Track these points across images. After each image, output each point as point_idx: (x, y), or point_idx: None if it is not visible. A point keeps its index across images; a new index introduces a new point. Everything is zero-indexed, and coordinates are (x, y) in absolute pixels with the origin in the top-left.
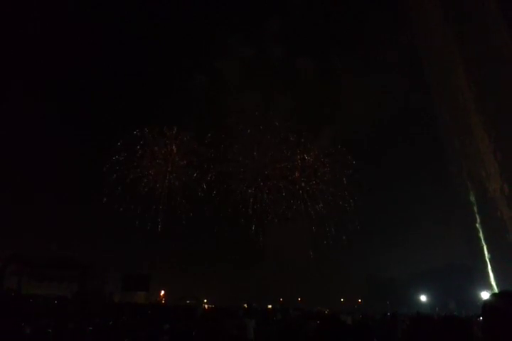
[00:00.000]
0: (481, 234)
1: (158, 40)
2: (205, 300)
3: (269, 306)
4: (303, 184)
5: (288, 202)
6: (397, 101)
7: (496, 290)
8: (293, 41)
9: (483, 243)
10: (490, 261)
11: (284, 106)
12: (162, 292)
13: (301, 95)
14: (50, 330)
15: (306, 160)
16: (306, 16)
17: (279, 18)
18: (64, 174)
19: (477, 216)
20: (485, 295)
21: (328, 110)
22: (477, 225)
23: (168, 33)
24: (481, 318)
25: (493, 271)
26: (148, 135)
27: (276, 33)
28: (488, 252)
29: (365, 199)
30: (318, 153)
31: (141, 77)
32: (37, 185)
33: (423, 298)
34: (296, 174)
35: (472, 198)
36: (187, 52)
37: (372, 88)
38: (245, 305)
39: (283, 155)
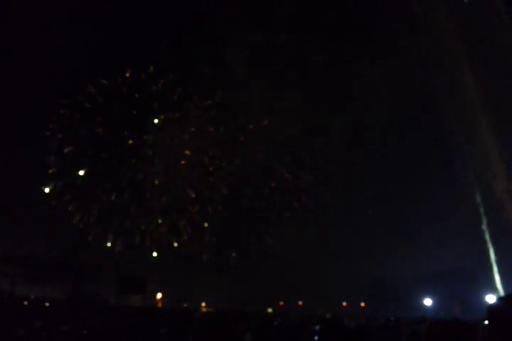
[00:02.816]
0: (487, 236)
1: (159, 28)
2: (203, 304)
3: (269, 310)
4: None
5: (293, 202)
6: (404, 96)
7: (501, 293)
8: (304, 29)
9: (490, 245)
10: (496, 264)
11: (293, 97)
12: (159, 295)
13: (311, 85)
14: (43, 333)
15: (315, 159)
16: (318, 2)
17: (290, 4)
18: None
19: (483, 217)
20: (490, 298)
21: (339, 101)
22: (483, 227)
23: (170, 20)
24: (486, 322)
25: (499, 273)
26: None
27: (287, 20)
28: (495, 254)
29: (368, 200)
30: (327, 152)
31: (141, 67)
32: (30, 184)
33: (427, 301)
34: (305, 176)
35: (478, 199)
36: (191, 40)
37: (384, 79)
38: (243, 309)
39: (290, 153)
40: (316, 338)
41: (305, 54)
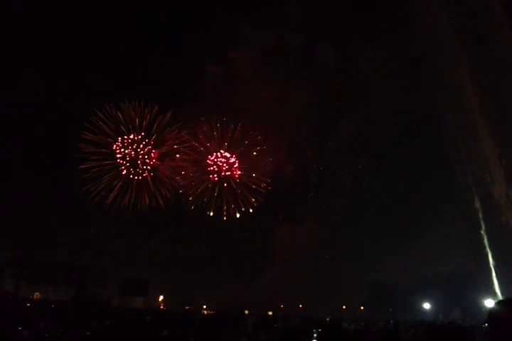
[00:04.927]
0: (485, 241)
1: (167, 28)
2: (205, 306)
3: (270, 313)
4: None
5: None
6: (405, 102)
7: (500, 297)
8: (312, 29)
9: (488, 250)
10: (494, 269)
11: (301, 97)
12: (161, 297)
13: (320, 85)
14: (47, 335)
15: (320, 159)
16: (327, 2)
17: (298, 4)
18: (62, 176)
19: (482, 222)
20: (489, 302)
21: (347, 101)
22: (482, 232)
23: (178, 20)
24: (486, 325)
25: (497, 278)
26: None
27: (295, 21)
28: (493, 259)
29: (367, 203)
30: (330, 155)
31: (147, 67)
32: (34, 187)
33: (426, 305)
34: (313, 177)
35: (477, 204)
36: (199, 41)
37: (392, 82)
38: (246, 312)
39: (296, 154)
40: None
41: (313, 54)
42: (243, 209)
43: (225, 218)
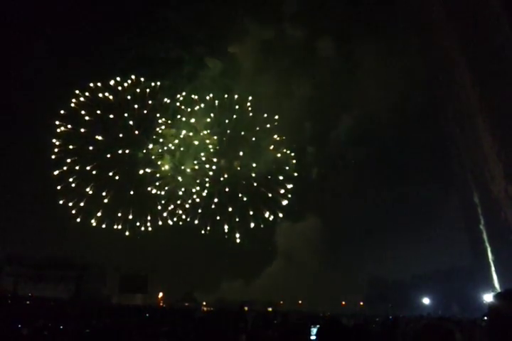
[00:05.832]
0: (484, 236)
1: (166, 23)
2: (204, 303)
3: (269, 309)
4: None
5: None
6: (405, 97)
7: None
8: (313, 23)
9: (487, 245)
10: (493, 263)
11: (302, 93)
12: (160, 294)
13: (320, 80)
14: (46, 333)
15: (321, 155)
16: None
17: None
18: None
19: (481, 217)
20: (488, 297)
21: (348, 96)
22: (481, 227)
23: (178, 15)
24: (485, 318)
25: (496, 273)
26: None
27: (295, 14)
28: (492, 254)
29: (367, 199)
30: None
31: (147, 63)
32: (32, 184)
33: (426, 300)
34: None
35: (476, 199)
36: (199, 35)
37: (392, 77)
38: (245, 308)
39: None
40: (314, 338)
41: (314, 50)
42: (252, 225)
43: (226, 236)
